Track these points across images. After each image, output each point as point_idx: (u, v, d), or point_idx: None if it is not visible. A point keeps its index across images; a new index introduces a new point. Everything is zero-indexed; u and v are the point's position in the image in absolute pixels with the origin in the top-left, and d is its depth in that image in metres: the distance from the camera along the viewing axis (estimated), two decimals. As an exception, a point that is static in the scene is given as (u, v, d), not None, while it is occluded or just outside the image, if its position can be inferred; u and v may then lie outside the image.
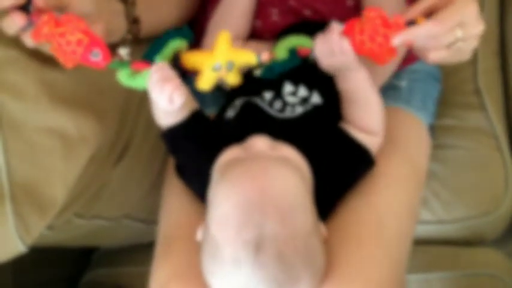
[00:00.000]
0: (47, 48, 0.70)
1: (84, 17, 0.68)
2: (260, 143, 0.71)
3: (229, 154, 0.71)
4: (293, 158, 0.71)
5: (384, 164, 0.79)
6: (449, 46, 0.69)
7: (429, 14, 0.69)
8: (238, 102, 0.78)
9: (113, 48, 0.76)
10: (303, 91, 0.78)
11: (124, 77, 0.71)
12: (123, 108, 0.88)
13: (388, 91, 0.91)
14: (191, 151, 0.76)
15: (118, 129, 0.88)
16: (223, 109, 0.81)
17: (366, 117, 0.76)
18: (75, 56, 0.67)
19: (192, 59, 0.72)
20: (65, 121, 0.75)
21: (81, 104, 0.77)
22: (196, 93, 0.97)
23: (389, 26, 0.68)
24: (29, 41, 0.68)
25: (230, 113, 0.78)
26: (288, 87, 0.78)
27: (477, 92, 1.12)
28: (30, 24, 0.66)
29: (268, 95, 0.78)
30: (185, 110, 0.75)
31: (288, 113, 0.76)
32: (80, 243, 1.07)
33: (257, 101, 0.78)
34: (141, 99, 0.92)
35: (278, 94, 0.78)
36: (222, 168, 0.70)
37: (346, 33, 0.70)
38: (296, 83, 0.78)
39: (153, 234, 0.85)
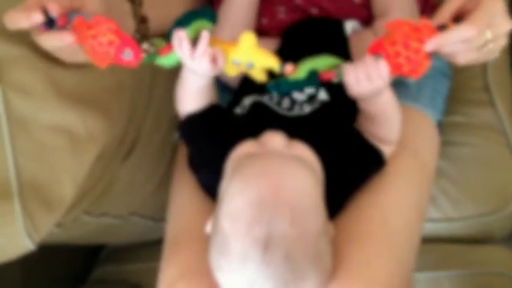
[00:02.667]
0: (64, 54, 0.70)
1: None
2: (276, 139, 0.70)
3: (244, 148, 0.71)
4: (307, 157, 0.70)
5: (392, 162, 0.78)
6: (479, 48, 0.68)
7: (457, 17, 0.67)
8: (247, 102, 0.78)
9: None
10: (309, 88, 0.78)
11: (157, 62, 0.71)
12: (130, 106, 0.88)
13: (397, 88, 0.89)
14: (207, 141, 0.76)
15: (126, 126, 0.88)
16: (230, 107, 0.81)
17: (384, 132, 0.75)
18: (108, 56, 0.67)
19: (217, 45, 0.69)
20: (72, 119, 0.75)
21: (89, 102, 0.77)
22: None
23: (419, 31, 0.66)
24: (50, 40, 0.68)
25: (239, 111, 0.78)
26: None
27: (486, 88, 1.11)
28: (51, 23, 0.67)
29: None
30: (205, 101, 0.75)
31: (297, 112, 0.76)
32: (88, 241, 1.07)
33: (265, 100, 0.77)
34: (149, 97, 0.92)
35: None
36: (236, 163, 0.70)
37: (376, 50, 0.67)
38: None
39: (160, 232, 0.86)
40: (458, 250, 1.08)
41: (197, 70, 0.69)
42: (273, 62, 0.69)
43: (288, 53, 0.81)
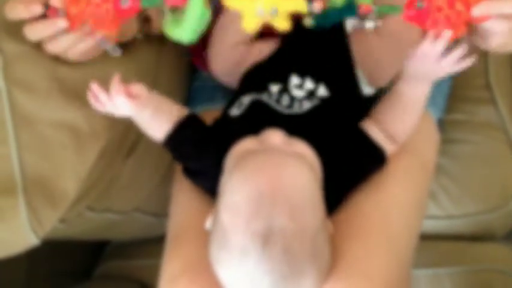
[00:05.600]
0: (71, 54, 0.72)
1: None
2: (275, 137, 0.71)
3: (244, 145, 0.72)
4: (306, 154, 0.71)
5: (391, 159, 0.78)
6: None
7: None
8: (246, 100, 0.79)
9: (125, 46, 0.77)
10: (309, 83, 0.78)
11: (170, 29, 0.69)
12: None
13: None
14: (194, 152, 0.77)
15: (129, 122, 0.88)
16: (228, 105, 0.81)
17: (400, 126, 0.76)
18: (110, 13, 0.68)
19: (234, 0, 0.67)
20: (76, 115, 0.76)
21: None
22: (205, 90, 0.99)
23: None
24: (58, 45, 0.70)
25: (235, 111, 0.79)
26: (294, 80, 0.78)
27: (488, 86, 1.11)
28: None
29: (274, 88, 0.78)
30: (173, 118, 0.76)
31: (296, 109, 0.76)
32: (91, 237, 1.08)
33: (264, 98, 0.78)
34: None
35: (284, 87, 0.78)
36: (236, 159, 0.71)
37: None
38: (302, 75, 0.78)
39: (164, 228, 0.86)
40: (458, 247, 1.08)
41: (121, 111, 0.72)
42: (299, 3, 0.66)
43: (289, 52, 0.82)
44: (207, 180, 0.77)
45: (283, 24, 0.68)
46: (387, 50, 0.81)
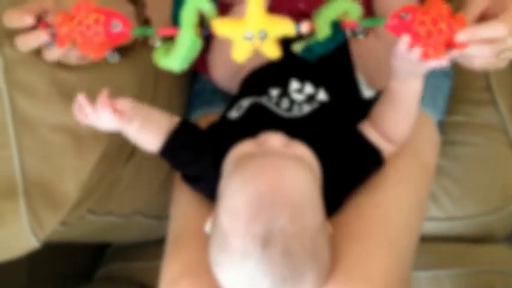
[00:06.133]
0: (70, 58, 0.72)
1: None
2: (274, 139, 0.71)
3: (243, 148, 0.72)
4: (306, 156, 0.71)
5: (392, 161, 0.79)
6: (498, 54, 0.68)
7: (479, 21, 0.67)
8: (245, 103, 0.79)
9: (125, 50, 0.77)
10: (309, 88, 0.78)
11: (160, 58, 0.69)
12: (134, 105, 0.89)
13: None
14: (190, 159, 0.77)
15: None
16: (227, 108, 0.82)
17: (396, 125, 0.75)
18: (100, 36, 0.68)
19: (223, 26, 0.66)
20: (76, 118, 0.76)
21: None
22: (205, 93, 0.99)
23: (453, 19, 0.64)
24: (51, 54, 0.70)
25: (234, 114, 0.79)
26: (294, 84, 0.79)
27: (488, 88, 1.11)
28: (53, 35, 0.69)
29: (274, 92, 0.79)
30: (163, 129, 0.76)
31: (296, 112, 0.76)
32: (92, 239, 1.08)
33: (264, 101, 0.78)
34: (152, 97, 0.93)
35: (284, 91, 0.78)
36: (235, 161, 0.71)
37: (407, 11, 0.64)
38: (302, 80, 0.79)
39: (165, 230, 0.86)
40: (459, 249, 1.08)
41: (106, 125, 0.71)
42: (286, 24, 0.65)
43: (289, 56, 0.82)
44: (206, 184, 0.77)
45: (272, 50, 0.67)
46: (386, 52, 0.81)
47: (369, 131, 0.76)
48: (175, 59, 0.68)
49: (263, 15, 0.64)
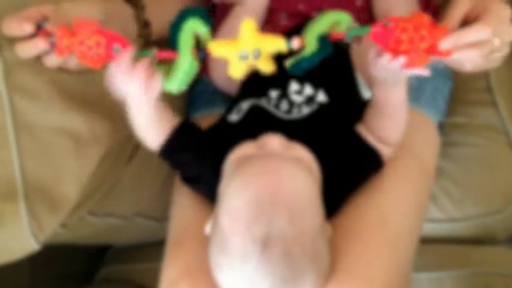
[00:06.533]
0: (70, 65, 0.73)
1: None
2: (274, 141, 0.71)
3: (243, 150, 0.72)
4: (305, 158, 0.71)
5: (392, 162, 0.79)
6: (486, 55, 0.68)
7: (463, 23, 0.67)
8: (245, 106, 0.79)
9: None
10: (308, 89, 0.78)
11: (162, 81, 0.70)
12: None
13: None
14: (190, 159, 0.77)
15: (130, 127, 0.89)
16: (227, 111, 0.82)
17: (388, 130, 0.76)
18: (100, 57, 0.68)
19: (219, 48, 0.69)
20: (77, 121, 0.76)
21: (93, 104, 0.78)
22: (205, 94, 0.99)
23: (435, 27, 0.65)
24: (51, 61, 0.71)
25: (234, 116, 0.79)
26: (293, 86, 0.79)
27: (489, 89, 1.11)
28: (52, 43, 0.69)
29: (274, 93, 0.79)
30: (169, 125, 0.76)
31: (295, 114, 0.77)
32: (92, 241, 1.08)
33: (263, 103, 0.78)
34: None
35: (284, 92, 0.78)
36: (235, 164, 0.71)
37: (389, 20, 0.65)
38: (302, 81, 0.79)
39: (165, 232, 0.86)
40: (460, 250, 1.07)
41: (132, 92, 0.69)
42: (278, 41, 0.67)
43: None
44: (206, 186, 0.77)
45: (267, 67, 0.69)
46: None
47: (364, 132, 0.76)
48: (174, 82, 0.70)
49: (256, 35, 0.67)
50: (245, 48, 0.67)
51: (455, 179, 1.07)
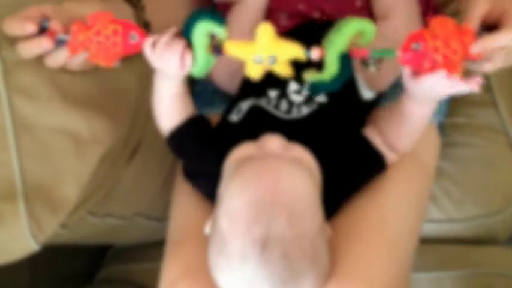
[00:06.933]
0: (72, 66, 0.72)
1: None
2: (274, 142, 0.71)
3: (242, 151, 0.72)
4: (305, 159, 0.71)
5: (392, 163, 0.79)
6: (506, 58, 0.68)
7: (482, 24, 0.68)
8: (245, 106, 0.79)
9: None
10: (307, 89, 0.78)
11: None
12: (134, 107, 0.89)
13: (397, 89, 0.90)
14: (197, 151, 0.77)
15: (130, 128, 0.89)
16: (227, 111, 0.82)
17: (403, 140, 0.76)
18: (117, 46, 0.68)
19: (235, 49, 0.68)
20: (77, 121, 0.76)
21: (93, 104, 0.78)
22: (205, 93, 0.99)
23: (462, 33, 0.64)
24: (53, 61, 0.71)
25: (234, 117, 0.79)
26: (293, 86, 0.79)
27: (489, 89, 1.11)
28: (60, 42, 0.69)
29: (273, 93, 0.79)
30: (185, 113, 0.76)
31: (295, 114, 0.77)
32: (92, 241, 1.09)
33: (263, 103, 0.78)
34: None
35: (283, 92, 0.78)
36: (235, 164, 0.71)
37: (416, 39, 0.64)
38: (301, 81, 0.79)
39: (165, 232, 0.86)
40: (460, 251, 1.07)
41: (167, 67, 0.69)
42: (296, 50, 0.66)
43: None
44: (206, 183, 0.77)
45: (284, 71, 0.68)
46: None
47: (374, 136, 0.76)
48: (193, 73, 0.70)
49: (273, 41, 0.65)
50: (260, 53, 0.66)
51: (455, 179, 1.07)
